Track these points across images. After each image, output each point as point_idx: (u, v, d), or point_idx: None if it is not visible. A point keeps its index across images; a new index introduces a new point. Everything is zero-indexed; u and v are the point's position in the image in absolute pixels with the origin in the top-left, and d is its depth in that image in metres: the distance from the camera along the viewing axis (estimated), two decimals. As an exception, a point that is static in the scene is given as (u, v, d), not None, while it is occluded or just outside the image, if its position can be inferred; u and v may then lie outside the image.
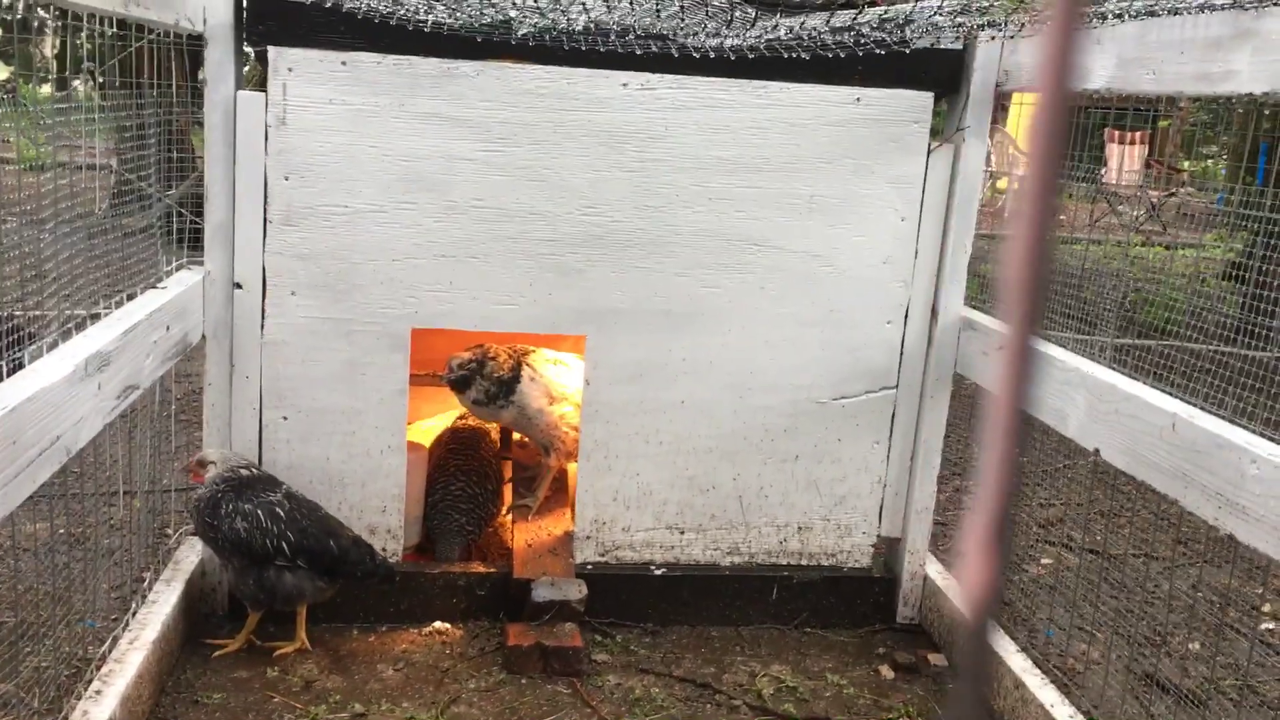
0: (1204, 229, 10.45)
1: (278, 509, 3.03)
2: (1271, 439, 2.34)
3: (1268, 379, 5.52)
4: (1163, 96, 2.98)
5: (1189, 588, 4.04)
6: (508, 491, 3.92)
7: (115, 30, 3.09)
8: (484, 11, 2.93)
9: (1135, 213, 11.79)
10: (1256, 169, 8.51)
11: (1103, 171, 13.09)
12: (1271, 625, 3.90)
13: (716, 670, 3.26)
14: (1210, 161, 16.80)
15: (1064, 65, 0.58)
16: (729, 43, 2.97)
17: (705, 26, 2.83)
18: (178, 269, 3.11)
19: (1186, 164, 16.68)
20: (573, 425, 3.58)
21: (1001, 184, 14.18)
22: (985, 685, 0.61)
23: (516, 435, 4.43)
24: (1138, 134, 14.42)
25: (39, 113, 3.30)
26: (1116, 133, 14.30)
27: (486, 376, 3.58)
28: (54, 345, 2.31)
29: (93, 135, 3.11)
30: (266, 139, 3.08)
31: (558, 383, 3.65)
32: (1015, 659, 3.11)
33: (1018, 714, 3.00)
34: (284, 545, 3.00)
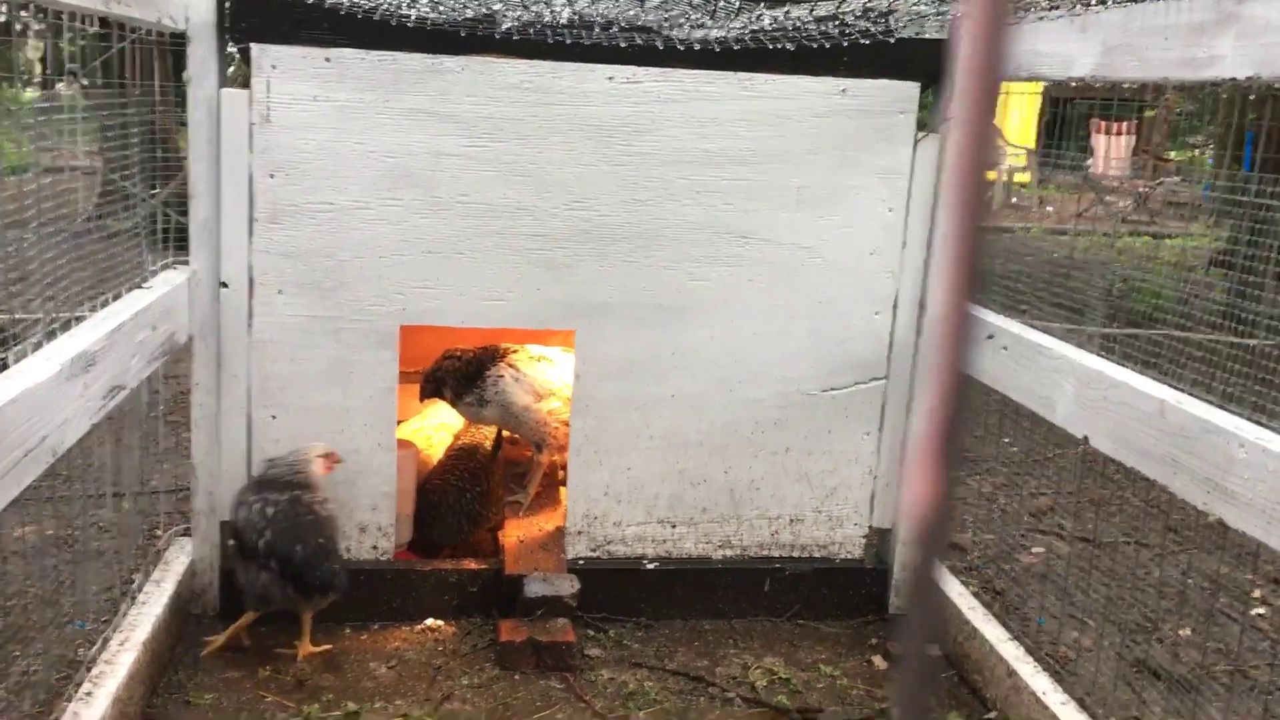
0: (1191, 218, 10.48)
1: (269, 508, 3.02)
2: (1259, 424, 2.34)
3: (1255, 364, 5.54)
4: (1148, 84, 2.99)
5: (1180, 574, 4.05)
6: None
7: (97, 29, 3.07)
8: (467, 6, 2.92)
9: (1122, 203, 11.83)
10: (1243, 157, 8.54)
11: (1089, 162, 13.13)
12: (1262, 610, 3.91)
13: (710, 663, 3.26)
14: (1197, 151, 16.86)
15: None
16: (714, 34, 2.96)
17: (690, 17, 2.82)
18: (163, 269, 3.09)
19: (1173, 154, 16.73)
20: (563, 420, 3.58)
21: (989, 176, 14.21)
22: (935, 606, 0.61)
23: (507, 432, 4.43)
24: (1124, 124, 14.46)
25: (22, 115, 3.29)
26: (1103, 123, 14.34)
27: (451, 374, 3.60)
28: (38, 346, 2.30)
29: (77, 138, 3.10)
30: (251, 137, 3.06)
31: (543, 379, 3.65)
32: (1007, 647, 3.12)
33: (1010, 702, 3.00)
34: (260, 543, 3.00)
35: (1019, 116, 15.76)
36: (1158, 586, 3.94)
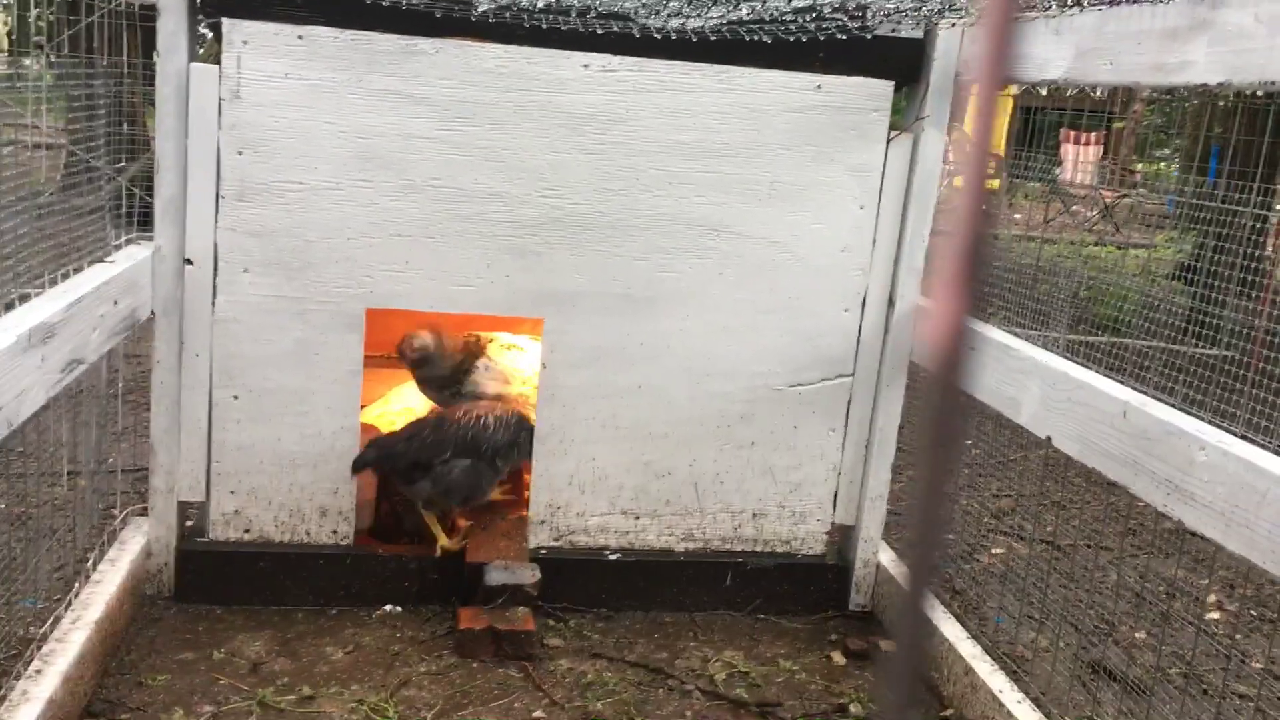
0: (1155, 229, 10.60)
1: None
2: (1220, 427, 2.37)
3: (1217, 368, 5.61)
4: (1120, 89, 3.01)
5: (1137, 578, 4.09)
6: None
7: (67, 1, 3.02)
8: (444, -13, 2.90)
9: (1089, 213, 11.95)
10: (1208, 170, 8.65)
11: (1058, 171, 13.24)
12: (1216, 615, 3.96)
13: (669, 655, 3.26)
14: (1163, 164, 17.05)
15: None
16: (691, 24, 2.96)
17: (666, 4, 2.81)
18: (127, 243, 3.04)
19: (1140, 166, 16.91)
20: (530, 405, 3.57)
21: (958, 181, 14.33)
22: (954, 447, 0.59)
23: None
24: (1093, 134, 14.61)
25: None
26: (1072, 133, 14.48)
27: (442, 360, 3.58)
28: (-4, 317, 2.25)
29: (44, 113, 3.05)
30: (220, 113, 3.02)
31: (513, 368, 3.64)
32: (965, 645, 3.13)
33: (967, 700, 3.02)
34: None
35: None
36: (1115, 589, 3.98)
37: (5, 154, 2.85)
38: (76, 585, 2.93)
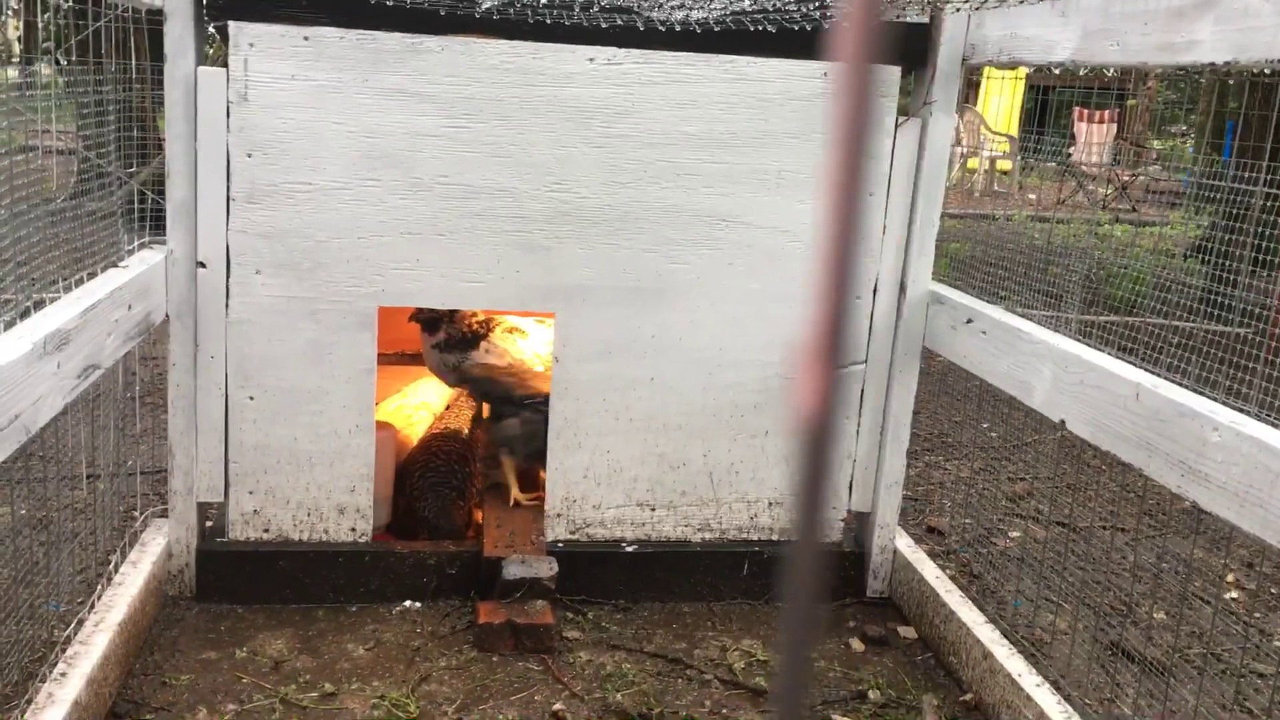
0: (1170, 207, 10.53)
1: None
2: (1233, 407, 2.36)
3: (1231, 348, 5.58)
4: (1128, 69, 3.00)
5: (1154, 559, 4.08)
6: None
7: (74, 5, 3.04)
8: (447, -15, 2.90)
9: (1103, 191, 11.88)
10: (1223, 145, 8.59)
11: (1071, 150, 13.17)
12: (1235, 594, 3.95)
13: (688, 645, 3.27)
14: (1178, 140, 16.94)
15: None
16: (695, 15, 2.95)
17: (670, -2, 2.81)
18: (140, 248, 3.07)
19: (1155, 143, 16.81)
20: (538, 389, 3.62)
21: (972, 164, 14.25)
22: (819, 497, 0.62)
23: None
24: (1106, 112, 14.52)
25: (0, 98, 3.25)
26: (1085, 111, 14.39)
27: (455, 324, 3.63)
28: (10, 325, 2.28)
29: (57, 119, 3.06)
30: (228, 115, 3.04)
31: (516, 350, 3.68)
32: (983, 630, 3.13)
33: (986, 684, 3.02)
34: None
35: (1000, 104, 15.79)
36: (1132, 570, 3.97)
37: (17, 160, 2.87)
38: (99, 588, 2.96)
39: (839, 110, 0.57)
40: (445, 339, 3.65)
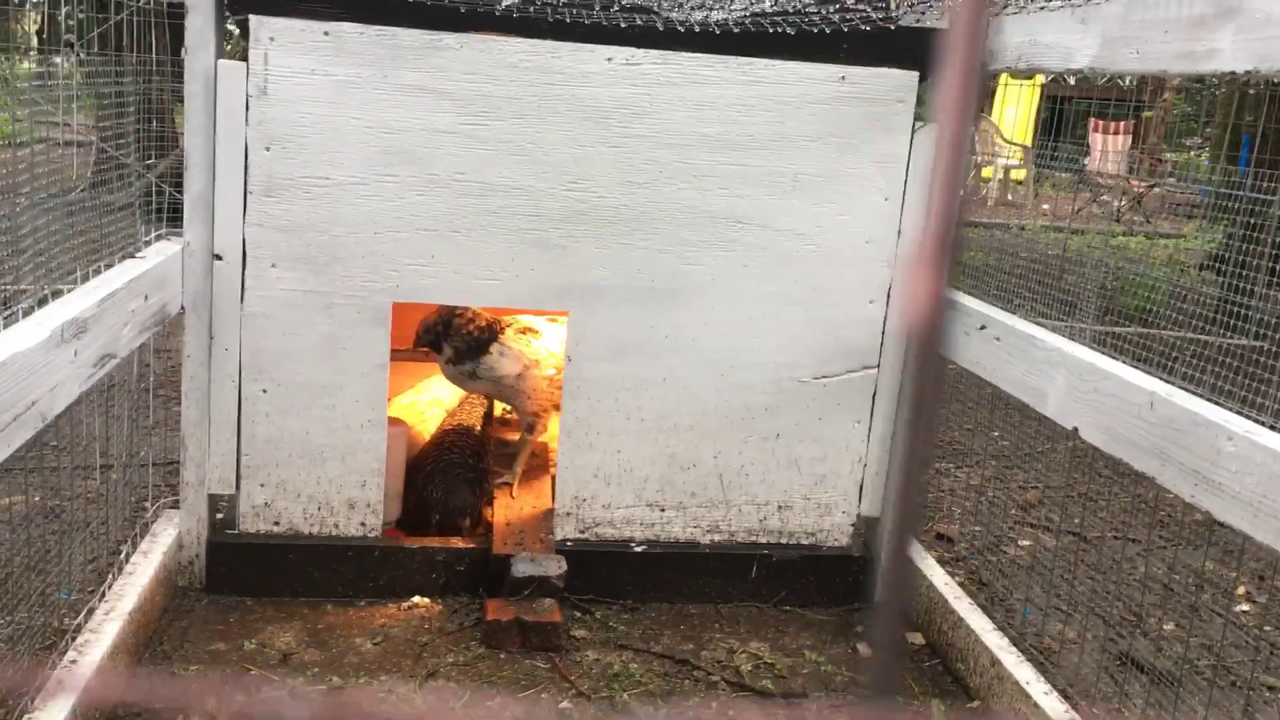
0: (1185, 219, 10.49)
1: None
2: (1248, 417, 2.35)
3: (1245, 358, 5.56)
4: (1147, 77, 2.99)
5: (1165, 569, 4.07)
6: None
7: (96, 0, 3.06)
8: (468, -18, 2.91)
9: (1118, 203, 11.85)
10: (1238, 158, 8.56)
11: (1086, 160, 13.14)
12: (1246, 607, 3.93)
13: (695, 647, 3.27)
14: (1193, 153, 16.88)
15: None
16: (714, 17, 2.96)
17: (690, -1, 2.82)
18: (157, 239, 3.08)
19: (1170, 155, 16.75)
20: (555, 384, 3.61)
21: (986, 172, 14.21)
22: (933, 416, 0.62)
23: (498, 411, 4.44)
24: (1121, 124, 14.48)
25: (19, 88, 3.27)
26: (1100, 122, 14.35)
27: (455, 333, 3.61)
28: (29, 312, 2.29)
29: (75, 110, 3.08)
30: (247, 109, 3.05)
31: (530, 350, 3.68)
32: (992, 637, 3.13)
33: (993, 691, 3.01)
34: None
35: (1016, 113, 15.76)
36: (1143, 581, 3.96)
37: (37, 151, 2.89)
38: (109, 577, 2.97)
39: (955, 39, 0.57)
40: (454, 353, 3.64)
